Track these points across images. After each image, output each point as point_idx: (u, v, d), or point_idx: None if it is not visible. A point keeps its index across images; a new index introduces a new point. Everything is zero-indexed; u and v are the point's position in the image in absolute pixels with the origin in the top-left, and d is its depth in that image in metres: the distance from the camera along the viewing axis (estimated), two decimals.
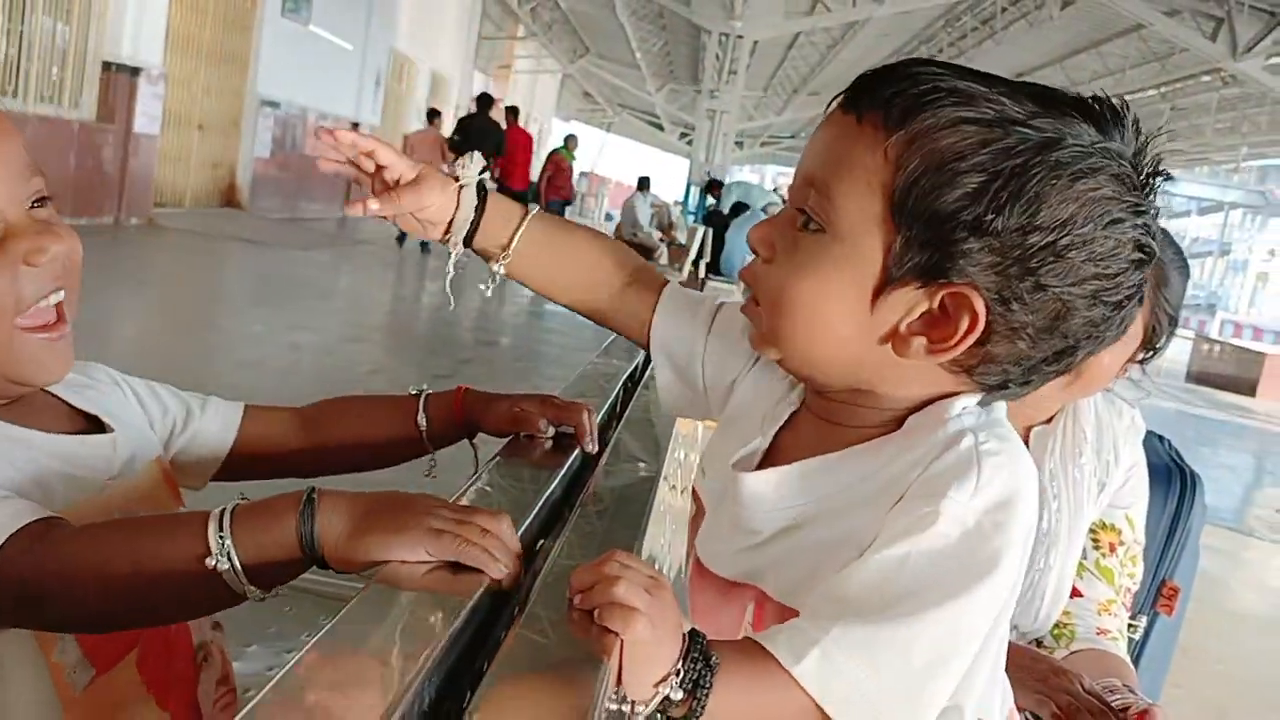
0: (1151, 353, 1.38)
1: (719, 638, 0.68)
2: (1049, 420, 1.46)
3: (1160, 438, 1.71)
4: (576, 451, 1.05)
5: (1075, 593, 1.45)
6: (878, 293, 0.73)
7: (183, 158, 11.64)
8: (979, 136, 0.69)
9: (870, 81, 0.74)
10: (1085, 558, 1.45)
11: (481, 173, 0.96)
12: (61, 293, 0.87)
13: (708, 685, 0.64)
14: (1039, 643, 1.46)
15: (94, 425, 0.95)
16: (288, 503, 0.73)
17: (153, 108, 10.37)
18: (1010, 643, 1.28)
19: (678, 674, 0.64)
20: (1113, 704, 1.28)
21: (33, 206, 0.86)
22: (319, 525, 0.72)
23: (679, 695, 0.64)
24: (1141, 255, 0.72)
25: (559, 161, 13.56)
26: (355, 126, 12.33)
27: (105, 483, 0.90)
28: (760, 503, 0.81)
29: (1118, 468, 1.45)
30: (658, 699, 0.64)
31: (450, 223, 0.95)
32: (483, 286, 0.98)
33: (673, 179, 25.36)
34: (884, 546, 0.70)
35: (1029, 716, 1.32)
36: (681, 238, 12.75)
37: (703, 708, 0.64)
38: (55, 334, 0.86)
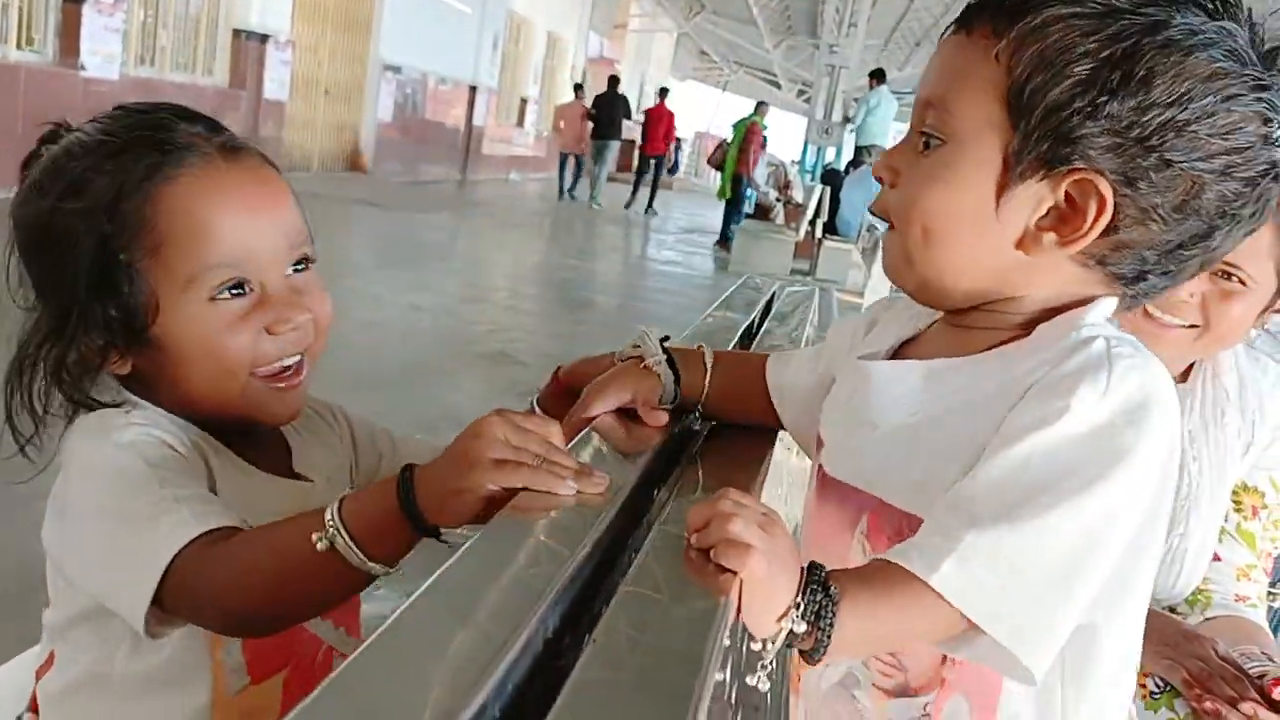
0: None
1: (834, 546, 0.67)
2: (1184, 378, 1.40)
3: None
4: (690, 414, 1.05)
5: (1214, 557, 1.39)
6: (1001, 191, 0.73)
7: (310, 123, 12.00)
8: (1086, 27, 0.70)
9: (978, 1, 0.76)
10: (1226, 521, 1.39)
11: (664, 340, 1.03)
12: (299, 358, 0.94)
13: (830, 615, 0.64)
14: (1173, 609, 1.41)
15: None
16: (389, 480, 0.76)
17: (281, 74, 10.70)
18: None
19: (798, 607, 0.64)
20: (1249, 670, 1.23)
21: (294, 271, 0.93)
22: (418, 492, 0.74)
23: (802, 628, 0.64)
24: (1269, 130, 0.71)
25: (756, 130, 13.29)
26: (473, 90, 12.39)
27: None
28: (882, 393, 0.82)
29: (1263, 426, 1.38)
30: (782, 634, 0.64)
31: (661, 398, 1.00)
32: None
33: (789, 138, 25.02)
34: (1009, 444, 0.69)
35: (1158, 682, 1.28)
36: (798, 197, 12.56)
37: (828, 638, 0.64)
38: (285, 384, 0.94)
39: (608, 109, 15.48)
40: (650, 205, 15.84)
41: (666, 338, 1.03)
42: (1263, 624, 1.40)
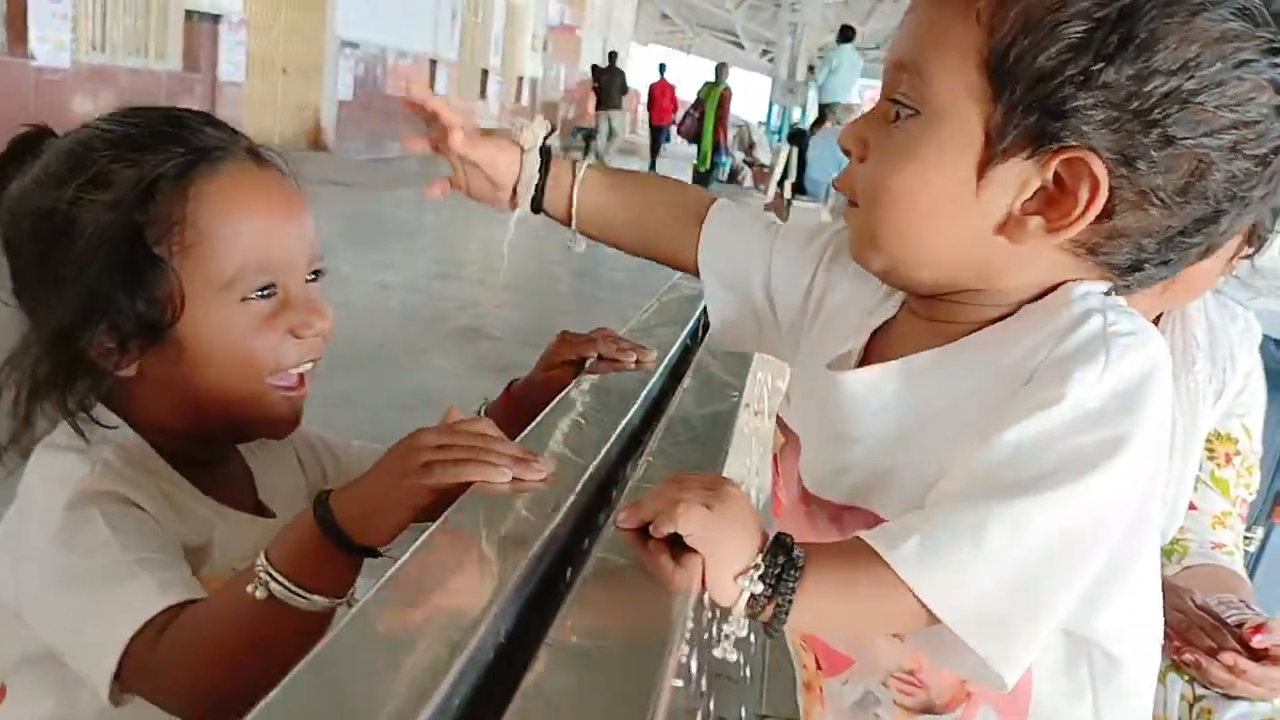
0: (1257, 248, 1.29)
1: None
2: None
3: (1277, 342, 1.62)
4: (655, 377, 1.03)
5: (1190, 506, 1.39)
6: (982, 170, 0.65)
7: (268, 103, 11.80)
8: None
9: None
10: (1200, 469, 1.39)
11: (549, 135, 0.98)
12: (311, 364, 0.93)
13: (792, 581, 0.60)
14: None
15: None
16: (307, 512, 0.73)
17: (236, 55, 10.51)
18: None
19: (757, 567, 0.61)
20: (1227, 619, 1.23)
21: (309, 280, 0.94)
22: (339, 516, 0.71)
23: (759, 589, 0.60)
24: None
25: (728, 96, 13.21)
26: (434, 64, 12.28)
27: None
28: (860, 405, 0.74)
29: (1234, 374, 1.38)
30: (743, 597, 0.61)
31: (515, 185, 0.98)
32: (570, 244, 1.00)
33: (755, 98, 24.88)
34: (1001, 430, 0.62)
35: None
36: (764, 158, 12.52)
37: (789, 603, 0.60)
38: (294, 393, 0.92)
39: (608, 82, 16.93)
40: (652, 168, 16.31)
41: (552, 129, 0.98)
42: (1240, 571, 1.41)
